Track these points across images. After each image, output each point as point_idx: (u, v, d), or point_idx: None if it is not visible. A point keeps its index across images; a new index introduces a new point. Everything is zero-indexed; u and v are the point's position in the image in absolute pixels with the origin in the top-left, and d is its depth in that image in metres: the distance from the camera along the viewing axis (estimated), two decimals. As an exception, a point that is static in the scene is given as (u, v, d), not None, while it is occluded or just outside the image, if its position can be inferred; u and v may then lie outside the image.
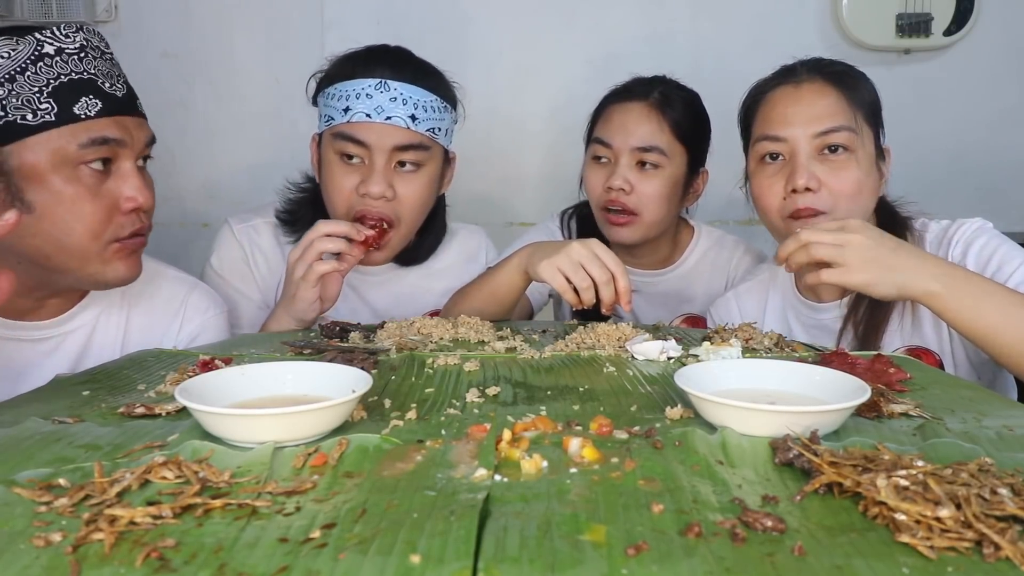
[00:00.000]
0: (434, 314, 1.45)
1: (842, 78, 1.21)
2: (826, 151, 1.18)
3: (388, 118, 1.26)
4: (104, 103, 0.98)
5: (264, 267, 1.42)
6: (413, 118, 1.27)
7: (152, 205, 1.04)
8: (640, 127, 1.43)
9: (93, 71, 0.98)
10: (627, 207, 1.44)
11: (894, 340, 1.20)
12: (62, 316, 1.09)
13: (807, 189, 1.17)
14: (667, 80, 1.50)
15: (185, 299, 1.21)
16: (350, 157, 1.29)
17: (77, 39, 0.98)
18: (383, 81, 1.26)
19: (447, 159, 1.39)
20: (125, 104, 1.01)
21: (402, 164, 1.30)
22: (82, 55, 0.98)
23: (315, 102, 1.38)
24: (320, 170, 1.36)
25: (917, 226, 1.25)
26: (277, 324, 1.27)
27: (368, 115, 1.26)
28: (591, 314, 1.54)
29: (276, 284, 1.42)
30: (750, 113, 1.28)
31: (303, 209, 1.41)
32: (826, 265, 1.01)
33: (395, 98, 1.26)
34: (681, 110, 1.46)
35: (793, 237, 1.03)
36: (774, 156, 1.22)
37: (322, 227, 1.23)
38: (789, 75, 1.24)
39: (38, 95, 0.94)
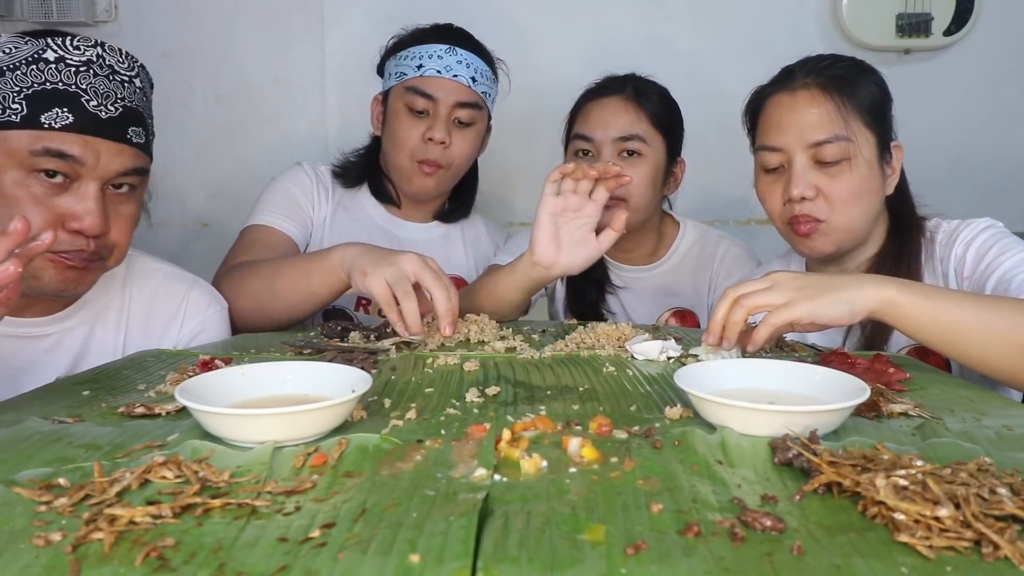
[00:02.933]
0: (453, 279, 1.54)
1: (839, 82, 1.19)
2: (821, 160, 1.18)
3: (455, 76, 1.48)
4: (77, 118, 0.96)
5: (323, 199, 1.57)
6: (473, 80, 1.50)
7: (100, 232, 0.99)
8: (619, 118, 1.48)
9: (84, 86, 0.96)
10: (614, 196, 1.45)
11: (901, 338, 1.20)
12: (60, 313, 1.09)
13: (803, 198, 1.18)
14: (638, 76, 1.54)
15: (185, 296, 1.20)
16: (419, 112, 1.48)
17: (87, 54, 0.97)
18: (452, 47, 1.49)
19: (488, 126, 1.60)
20: (106, 126, 0.98)
21: (459, 122, 1.50)
22: (81, 68, 0.96)
23: (380, 71, 1.59)
24: (384, 123, 1.56)
25: (930, 226, 1.25)
26: (352, 252, 1.18)
27: (439, 71, 1.48)
28: (583, 312, 1.55)
29: (323, 219, 1.56)
30: (753, 117, 1.29)
31: (357, 165, 1.61)
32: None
33: (460, 61, 1.49)
34: (656, 101, 1.51)
35: (720, 300, 0.95)
36: (773, 164, 1.22)
37: (411, 319, 1.07)
38: (786, 80, 1.23)
39: (15, 95, 0.94)
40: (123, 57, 1.01)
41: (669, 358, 0.98)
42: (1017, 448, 0.63)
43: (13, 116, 0.94)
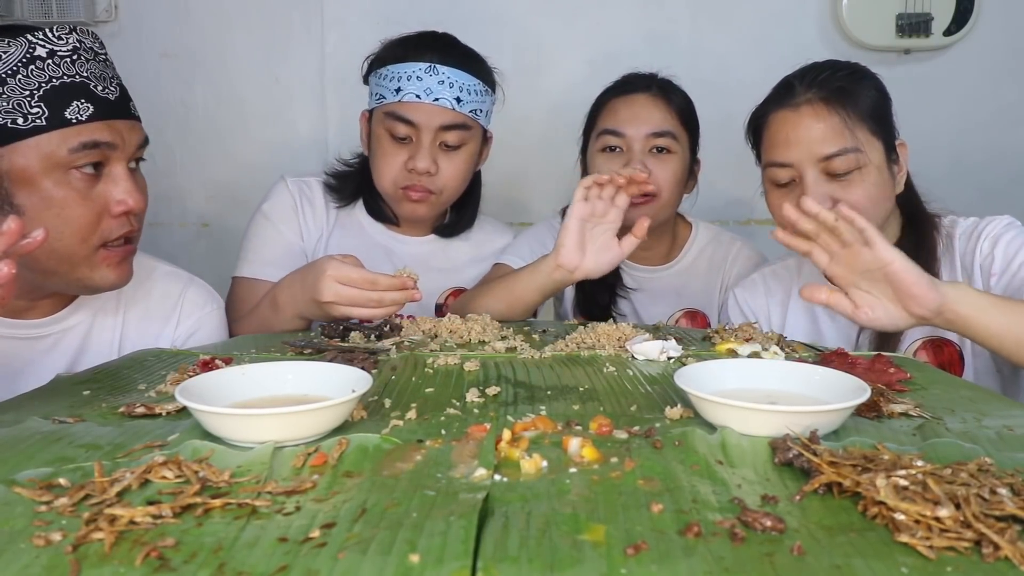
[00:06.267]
0: (457, 293, 1.52)
1: (841, 94, 1.18)
2: (832, 173, 1.18)
3: (436, 99, 1.36)
4: (96, 107, 0.97)
5: (311, 219, 1.50)
6: (458, 100, 1.38)
7: (143, 208, 1.03)
8: (651, 114, 1.48)
9: (86, 74, 0.98)
10: (645, 192, 1.47)
11: (915, 331, 1.20)
12: (58, 314, 1.09)
13: None
14: (651, 74, 1.54)
15: (181, 295, 1.20)
16: (401, 138, 1.39)
17: (70, 41, 0.98)
18: (432, 65, 1.37)
19: (485, 138, 1.50)
20: (117, 107, 1.01)
21: (446, 145, 1.40)
22: (74, 57, 0.97)
23: (366, 80, 1.47)
24: (369, 144, 1.46)
25: (945, 223, 1.26)
26: (290, 296, 1.22)
27: (418, 96, 1.36)
28: (593, 313, 1.55)
29: (318, 237, 1.50)
30: (756, 133, 1.29)
31: (350, 180, 1.52)
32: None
33: (443, 81, 1.37)
34: (681, 97, 1.51)
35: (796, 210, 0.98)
36: (784, 180, 1.22)
37: (387, 300, 1.14)
38: (787, 96, 1.22)
39: (29, 99, 0.94)
40: (92, 38, 1.02)
41: (669, 358, 0.98)
42: (1018, 448, 0.63)
43: (39, 120, 0.94)
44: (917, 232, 1.25)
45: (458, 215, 1.57)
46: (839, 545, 0.46)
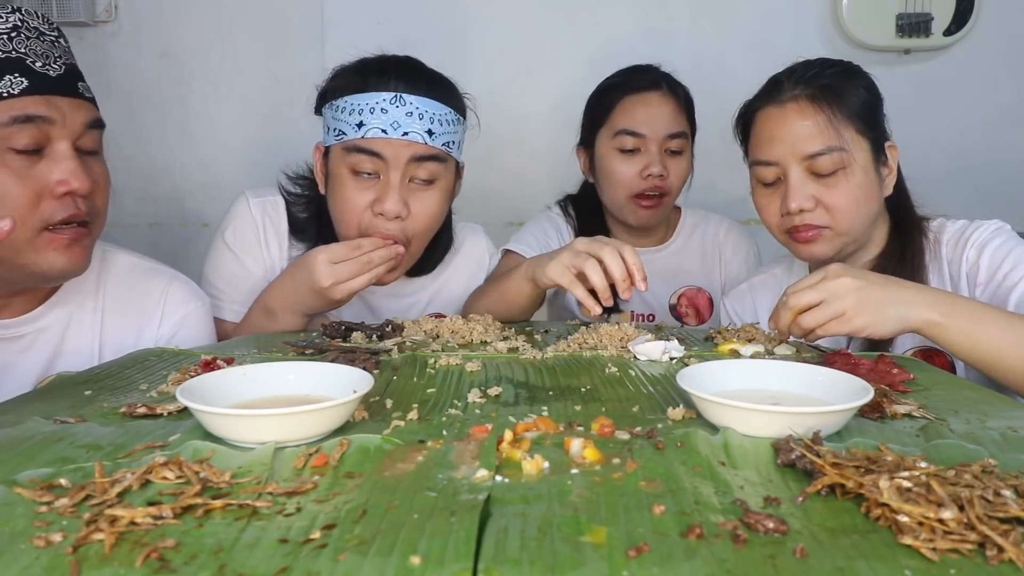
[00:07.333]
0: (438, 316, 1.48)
1: (828, 92, 1.18)
2: (816, 172, 1.18)
3: (405, 133, 1.21)
4: (31, 81, 0.94)
5: (275, 244, 1.37)
6: (430, 132, 1.22)
7: (89, 190, 0.98)
8: (666, 114, 1.53)
9: (23, 50, 0.95)
10: (662, 190, 1.54)
11: (905, 341, 1.20)
12: (32, 313, 1.07)
13: (801, 210, 1.18)
14: (655, 67, 1.58)
15: (165, 292, 1.17)
16: (366, 173, 1.23)
17: (10, 20, 0.96)
18: (398, 95, 1.21)
19: (457, 170, 1.35)
20: (58, 83, 0.97)
21: (418, 178, 1.25)
22: (13, 35, 0.95)
23: (318, 111, 1.33)
24: (327, 183, 1.31)
25: (933, 226, 1.25)
26: (284, 299, 1.22)
27: (384, 131, 1.20)
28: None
29: (284, 263, 1.38)
30: (744, 130, 1.29)
31: (309, 225, 1.38)
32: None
33: (411, 112, 1.21)
34: (684, 92, 1.57)
35: (781, 305, 0.97)
36: (769, 179, 1.23)
37: (376, 259, 1.19)
38: (775, 92, 1.22)
39: None
40: (41, 20, 1.00)
41: (672, 359, 0.97)
42: (1022, 450, 0.63)
43: None
44: (904, 237, 1.24)
45: (428, 251, 1.37)
46: (842, 547, 0.46)
